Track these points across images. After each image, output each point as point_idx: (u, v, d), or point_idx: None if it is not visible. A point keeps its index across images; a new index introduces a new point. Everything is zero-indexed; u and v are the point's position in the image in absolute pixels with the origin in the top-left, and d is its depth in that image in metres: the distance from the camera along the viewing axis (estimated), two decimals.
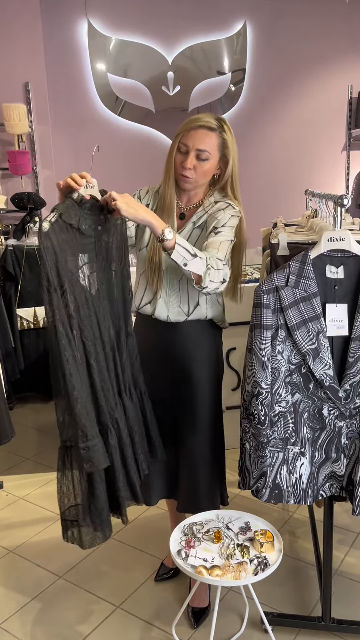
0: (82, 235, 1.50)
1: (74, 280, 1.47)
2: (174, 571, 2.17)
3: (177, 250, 1.53)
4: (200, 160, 1.70)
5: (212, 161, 1.72)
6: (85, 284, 1.52)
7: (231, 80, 4.51)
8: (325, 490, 1.75)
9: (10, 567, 2.29)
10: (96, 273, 1.56)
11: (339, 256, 1.62)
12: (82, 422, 1.45)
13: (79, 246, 1.50)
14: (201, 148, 1.68)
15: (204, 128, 1.68)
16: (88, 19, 4.18)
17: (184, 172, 1.71)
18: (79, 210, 1.50)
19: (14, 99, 3.92)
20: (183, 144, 1.70)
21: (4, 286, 3.76)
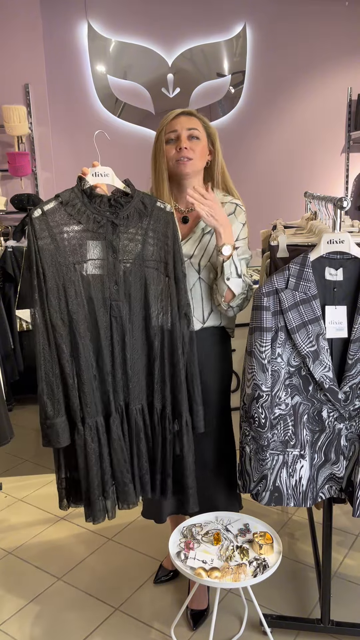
0: (87, 228, 1.50)
1: (66, 271, 1.49)
2: (173, 573, 2.17)
3: (227, 264, 1.64)
4: (192, 139, 1.72)
5: (202, 141, 1.74)
6: (90, 279, 1.53)
7: (231, 83, 4.51)
8: (324, 492, 1.75)
9: (9, 568, 2.29)
10: (107, 271, 1.53)
11: (338, 258, 1.63)
12: (43, 400, 1.57)
13: (84, 238, 1.50)
14: (190, 127, 1.71)
15: (184, 114, 1.73)
16: (88, 20, 4.19)
17: (183, 153, 1.69)
18: (86, 201, 1.51)
19: (14, 100, 3.93)
20: (171, 131, 1.71)
21: (3, 287, 3.76)
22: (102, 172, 1.52)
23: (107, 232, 1.53)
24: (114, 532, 2.49)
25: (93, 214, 1.52)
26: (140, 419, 1.66)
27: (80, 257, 1.52)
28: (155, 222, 1.58)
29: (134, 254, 1.56)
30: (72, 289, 1.51)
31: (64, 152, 4.30)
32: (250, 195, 4.72)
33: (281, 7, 4.43)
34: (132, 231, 1.55)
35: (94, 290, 1.55)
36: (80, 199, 1.51)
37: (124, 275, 1.56)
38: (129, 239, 1.55)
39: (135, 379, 1.64)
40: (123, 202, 1.55)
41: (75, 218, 1.50)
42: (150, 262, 1.58)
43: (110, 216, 1.53)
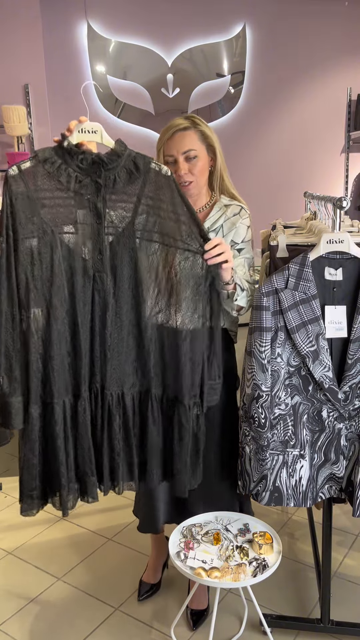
0: (68, 188, 1.35)
1: (42, 234, 1.35)
2: (155, 586, 2.11)
3: (233, 291, 1.59)
4: (190, 161, 1.69)
5: (201, 157, 1.72)
6: (70, 245, 1.38)
7: (230, 83, 4.51)
8: (324, 492, 1.75)
9: (9, 568, 2.29)
10: (90, 238, 1.38)
11: (337, 258, 1.63)
12: (6, 376, 1.43)
13: (64, 199, 1.34)
14: (185, 149, 1.69)
15: (178, 132, 1.69)
16: (88, 21, 4.19)
17: (183, 180, 1.70)
18: (68, 159, 1.34)
19: (13, 100, 3.92)
20: (168, 155, 1.70)
21: None
22: (89, 129, 1.34)
23: (91, 194, 1.36)
24: (114, 532, 2.49)
25: (75, 172, 1.35)
26: (118, 406, 1.51)
27: (60, 221, 1.37)
28: (154, 188, 1.40)
29: (124, 222, 1.39)
30: (47, 254, 1.36)
31: None
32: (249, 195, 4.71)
33: (281, 7, 4.42)
34: (121, 196, 1.38)
35: (75, 258, 1.39)
36: (61, 156, 1.35)
37: (110, 245, 1.39)
38: (118, 205, 1.38)
39: (114, 362, 1.48)
40: (108, 161, 1.36)
41: (54, 177, 1.35)
42: (144, 233, 1.41)
43: (94, 175, 1.35)
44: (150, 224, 1.41)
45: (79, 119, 1.38)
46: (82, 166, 1.35)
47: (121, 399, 1.52)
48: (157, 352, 1.50)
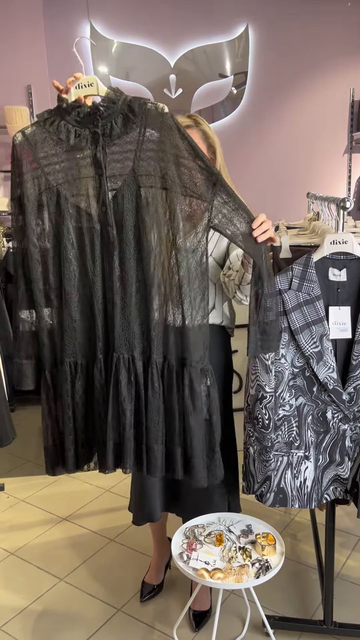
0: (69, 143, 1.32)
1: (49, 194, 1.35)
2: (157, 587, 2.11)
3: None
4: None
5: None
6: (75, 201, 1.34)
7: (233, 83, 4.51)
8: (329, 493, 1.74)
9: (12, 569, 2.29)
10: (94, 191, 1.33)
11: (341, 259, 1.62)
12: (19, 339, 1.46)
13: (66, 155, 1.32)
14: None
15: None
16: (90, 21, 4.19)
17: None
18: (65, 115, 1.32)
19: (16, 101, 3.93)
20: None
21: (5, 288, 3.76)
22: (85, 83, 1.31)
23: (90, 145, 1.32)
24: (116, 532, 2.49)
25: (74, 127, 1.32)
26: (125, 369, 1.42)
27: (63, 177, 1.34)
28: (153, 130, 1.30)
29: (126, 170, 1.32)
30: (55, 213, 1.36)
31: None
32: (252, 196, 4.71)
33: (283, 8, 4.42)
34: (121, 143, 1.31)
35: (81, 213, 1.35)
36: (58, 114, 1.34)
37: (114, 196, 1.33)
38: (118, 153, 1.32)
39: (124, 321, 1.40)
40: (103, 109, 1.31)
41: (55, 135, 1.33)
42: (147, 179, 1.31)
43: (91, 126, 1.31)
44: (151, 168, 1.31)
45: (74, 76, 1.35)
46: (79, 119, 1.32)
47: (132, 364, 1.43)
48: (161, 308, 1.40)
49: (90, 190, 1.34)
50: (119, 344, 1.41)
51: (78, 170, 1.33)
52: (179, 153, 1.29)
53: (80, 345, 1.45)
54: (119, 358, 1.42)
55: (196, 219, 1.34)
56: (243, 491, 1.79)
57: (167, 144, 1.29)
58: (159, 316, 1.40)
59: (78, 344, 1.45)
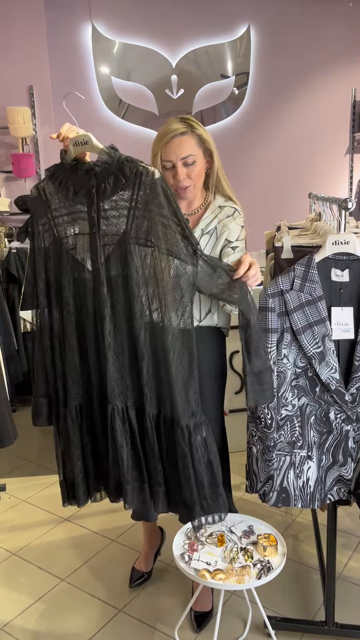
0: (70, 201, 1.40)
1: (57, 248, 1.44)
2: (147, 574, 2.16)
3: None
4: (188, 166, 1.69)
5: (199, 161, 1.72)
6: (74, 256, 1.42)
7: (235, 84, 4.51)
8: (333, 494, 1.74)
9: (13, 569, 2.29)
10: (89, 248, 1.39)
11: (344, 259, 1.62)
12: (35, 379, 1.57)
13: (68, 212, 1.40)
14: (184, 155, 1.67)
15: (175, 137, 1.67)
16: (92, 22, 4.19)
17: (181, 185, 1.70)
18: (67, 172, 1.40)
19: (18, 102, 3.93)
20: (166, 161, 1.69)
21: (7, 289, 3.76)
22: (81, 141, 1.37)
23: (86, 204, 1.39)
24: (118, 533, 2.49)
25: (73, 185, 1.39)
26: (120, 419, 1.49)
27: (64, 233, 1.43)
28: (144, 193, 1.35)
29: (119, 230, 1.38)
30: (56, 267, 1.45)
31: None
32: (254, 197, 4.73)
33: (285, 8, 4.43)
34: (114, 204, 1.37)
35: (78, 269, 1.43)
36: (62, 171, 1.42)
37: (107, 255, 1.39)
38: (111, 213, 1.37)
39: (116, 374, 1.47)
40: (98, 170, 1.37)
41: (60, 191, 1.41)
42: (137, 239, 1.37)
43: (88, 185, 1.37)
44: (142, 230, 1.37)
45: (64, 128, 1.44)
46: (77, 176, 1.39)
47: (125, 414, 1.51)
48: (151, 366, 1.45)
49: (86, 246, 1.40)
50: (111, 396, 1.48)
51: (78, 226, 1.41)
52: (164, 218, 1.35)
53: (83, 390, 1.55)
54: (113, 409, 1.49)
55: (182, 281, 1.40)
56: (246, 490, 1.79)
57: (154, 209, 1.34)
58: (152, 372, 1.45)
59: (81, 388, 1.55)
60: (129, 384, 1.49)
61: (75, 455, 1.56)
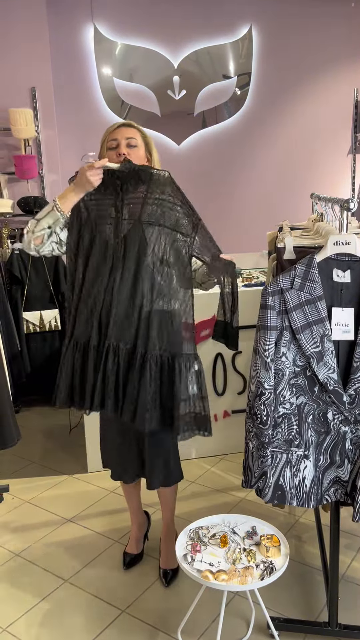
0: (103, 194, 1.88)
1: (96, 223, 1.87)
2: (138, 556, 2.31)
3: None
4: (130, 147, 1.91)
5: (140, 149, 1.94)
6: (102, 232, 1.86)
7: (237, 84, 4.51)
8: (330, 495, 1.74)
9: (16, 570, 2.29)
10: (113, 225, 1.85)
11: (346, 260, 1.62)
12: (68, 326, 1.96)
13: (105, 203, 1.88)
14: (128, 136, 1.91)
15: (124, 126, 1.95)
16: (94, 23, 4.20)
17: (121, 158, 1.87)
18: (105, 176, 1.85)
19: (20, 103, 3.94)
20: (112, 139, 1.91)
21: (10, 290, 3.77)
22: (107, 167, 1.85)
23: (114, 197, 1.87)
24: (121, 534, 2.49)
25: (104, 185, 1.86)
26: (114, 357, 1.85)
27: (99, 216, 1.88)
28: (156, 186, 1.84)
29: (135, 214, 1.83)
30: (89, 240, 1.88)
31: (71, 155, 4.31)
32: (256, 197, 4.73)
33: (287, 9, 4.42)
34: (132, 196, 1.84)
35: (103, 241, 1.85)
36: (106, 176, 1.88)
37: (127, 231, 1.83)
38: (131, 202, 1.84)
39: (118, 317, 1.84)
40: (119, 175, 1.83)
41: (100, 188, 1.87)
42: (150, 219, 1.82)
43: (115, 185, 1.86)
44: (153, 213, 1.83)
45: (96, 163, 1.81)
46: (109, 179, 1.86)
47: (117, 351, 1.85)
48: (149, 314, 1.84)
49: (113, 226, 1.85)
50: (110, 334, 1.85)
51: (108, 212, 1.87)
52: (170, 204, 1.84)
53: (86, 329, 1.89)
54: (111, 345, 1.85)
55: (182, 247, 1.86)
56: (242, 485, 1.80)
57: (164, 197, 1.84)
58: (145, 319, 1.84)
59: (84, 328, 1.89)
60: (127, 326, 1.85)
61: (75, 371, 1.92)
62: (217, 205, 4.62)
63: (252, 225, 4.59)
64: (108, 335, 1.84)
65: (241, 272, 3.53)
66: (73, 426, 3.58)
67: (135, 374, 1.84)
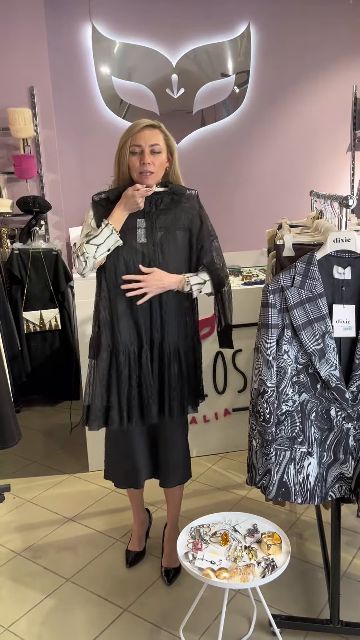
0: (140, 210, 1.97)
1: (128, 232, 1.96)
2: (140, 554, 2.33)
3: (194, 290, 1.98)
4: (154, 154, 1.91)
5: (163, 153, 1.94)
6: (139, 238, 1.96)
7: (235, 82, 4.51)
8: (334, 491, 1.74)
9: (18, 569, 2.29)
10: (144, 232, 1.96)
11: (346, 257, 1.62)
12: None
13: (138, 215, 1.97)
14: (153, 143, 1.90)
15: (148, 127, 1.91)
16: (92, 22, 4.19)
17: (146, 168, 1.89)
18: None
19: (19, 103, 3.93)
20: (135, 145, 1.90)
21: (10, 289, 3.77)
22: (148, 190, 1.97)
23: (148, 209, 1.96)
24: (122, 532, 2.50)
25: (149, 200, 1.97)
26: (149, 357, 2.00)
27: (130, 224, 1.96)
28: (186, 202, 1.98)
29: (167, 224, 1.96)
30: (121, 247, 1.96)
31: (70, 154, 4.31)
32: (255, 195, 4.73)
33: (285, 6, 4.42)
34: (165, 210, 1.96)
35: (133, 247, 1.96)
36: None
37: (160, 238, 1.96)
38: (163, 214, 1.96)
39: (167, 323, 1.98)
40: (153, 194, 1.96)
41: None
42: (178, 227, 1.96)
43: (151, 200, 1.96)
44: (181, 222, 1.98)
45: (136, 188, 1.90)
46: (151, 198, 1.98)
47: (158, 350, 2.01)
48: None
49: (143, 234, 1.96)
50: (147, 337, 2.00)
51: (136, 222, 1.97)
52: (192, 215, 2.00)
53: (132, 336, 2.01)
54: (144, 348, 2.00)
55: (195, 247, 2.03)
56: (246, 482, 1.80)
57: (192, 209, 2.00)
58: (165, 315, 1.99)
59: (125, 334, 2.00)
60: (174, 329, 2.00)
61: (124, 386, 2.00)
62: (216, 203, 4.62)
63: (251, 223, 4.59)
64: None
65: (241, 270, 3.52)
66: (74, 425, 3.58)
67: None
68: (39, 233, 3.92)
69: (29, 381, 3.75)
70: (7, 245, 3.87)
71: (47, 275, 3.83)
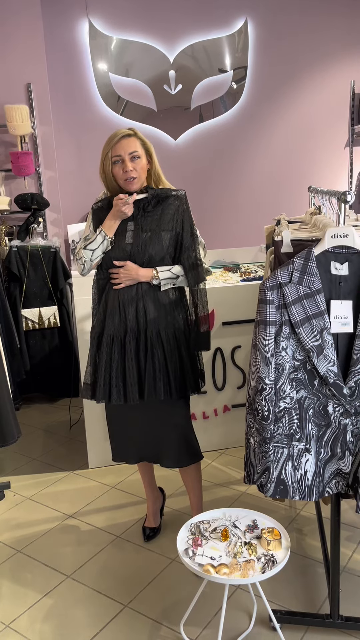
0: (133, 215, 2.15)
1: (119, 234, 2.13)
2: (157, 529, 2.47)
3: (163, 284, 2.10)
4: (134, 160, 2.07)
5: (142, 158, 2.10)
6: (127, 239, 2.13)
7: (233, 78, 4.50)
8: (331, 487, 1.74)
9: (18, 566, 2.30)
10: (132, 234, 2.12)
11: (343, 253, 1.62)
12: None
13: (129, 219, 2.14)
14: (131, 150, 2.07)
15: (125, 137, 2.08)
16: (89, 18, 4.18)
17: (130, 175, 2.06)
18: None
19: (16, 100, 3.92)
20: (116, 156, 2.07)
21: (8, 287, 3.77)
22: (131, 198, 2.14)
23: (136, 212, 2.12)
24: (122, 529, 2.50)
25: (137, 205, 2.13)
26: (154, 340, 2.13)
27: (120, 227, 2.14)
28: (172, 203, 2.12)
29: (153, 224, 2.10)
30: (115, 244, 2.14)
31: (67, 151, 4.30)
32: (253, 191, 4.72)
33: (282, 1, 4.40)
34: (151, 212, 2.11)
35: (121, 246, 2.12)
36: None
37: (145, 238, 2.10)
38: (149, 216, 2.11)
39: (148, 313, 2.11)
40: (141, 199, 2.12)
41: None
42: (163, 226, 2.09)
43: (138, 204, 2.12)
44: (166, 222, 2.11)
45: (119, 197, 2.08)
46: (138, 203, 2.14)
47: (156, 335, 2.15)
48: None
49: (131, 235, 2.13)
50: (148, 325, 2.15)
51: (126, 225, 2.14)
52: (180, 215, 2.12)
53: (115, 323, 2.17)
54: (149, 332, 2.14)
55: (179, 246, 2.15)
56: (244, 481, 1.80)
57: (177, 208, 2.13)
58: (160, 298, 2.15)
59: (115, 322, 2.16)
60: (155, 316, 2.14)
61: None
62: (214, 199, 4.61)
63: (249, 219, 4.58)
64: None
65: (239, 267, 3.52)
66: (73, 423, 3.58)
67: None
68: (37, 230, 3.92)
69: (28, 379, 3.75)
70: (6, 242, 3.87)
71: (45, 273, 3.83)
